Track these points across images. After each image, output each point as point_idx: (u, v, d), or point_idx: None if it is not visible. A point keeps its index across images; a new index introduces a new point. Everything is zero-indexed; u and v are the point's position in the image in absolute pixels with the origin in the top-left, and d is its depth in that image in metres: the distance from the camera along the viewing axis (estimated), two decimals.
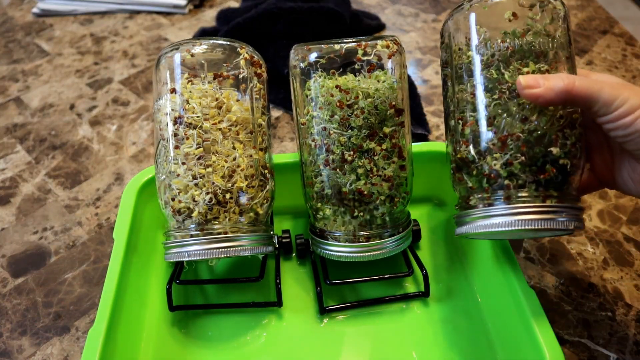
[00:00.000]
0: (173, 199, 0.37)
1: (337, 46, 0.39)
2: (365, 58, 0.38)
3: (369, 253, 0.39)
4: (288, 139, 0.61)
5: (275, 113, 0.65)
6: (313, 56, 0.39)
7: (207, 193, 0.37)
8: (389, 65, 0.39)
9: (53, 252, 0.49)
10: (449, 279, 0.44)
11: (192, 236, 0.37)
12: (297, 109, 0.41)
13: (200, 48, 0.40)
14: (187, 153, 0.37)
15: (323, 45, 0.39)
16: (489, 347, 0.39)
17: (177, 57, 0.39)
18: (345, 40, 0.39)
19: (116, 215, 0.45)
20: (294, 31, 0.71)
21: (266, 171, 0.40)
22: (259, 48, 0.45)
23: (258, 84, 0.41)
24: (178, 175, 0.37)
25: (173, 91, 0.38)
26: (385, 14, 0.87)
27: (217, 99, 0.38)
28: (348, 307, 0.42)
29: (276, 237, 0.42)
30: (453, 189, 0.39)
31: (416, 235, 0.46)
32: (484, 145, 0.35)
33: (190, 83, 0.39)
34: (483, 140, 0.35)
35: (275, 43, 0.70)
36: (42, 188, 0.56)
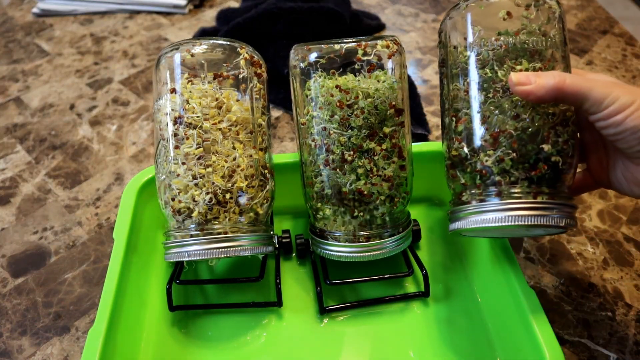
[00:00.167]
0: (173, 199, 0.37)
1: (337, 46, 0.39)
2: (365, 58, 0.38)
3: (369, 253, 0.39)
4: (288, 139, 0.61)
5: (275, 113, 0.65)
6: (313, 56, 0.39)
7: (207, 193, 0.37)
8: (389, 65, 0.39)
9: (53, 252, 0.49)
10: (449, 279, 0.44)
11: (192, 236, 0.37)
12: (297, 109, 0.41)
13: (200, 48, 0.40)
14: (187, 153, 0.37)
15: (323, 45, 0.39)
16: (489, 347, 0.39)
17: (177, 57, 0.39)
18: (345, 40, 0.39)
19: (116, 215, 0.46)
20: (294, 31, 0.71)
21: (266, 171, 0.40)
22: (259, 48, 0.45)
23: (258, 84, 0.41)
24: (178, 175, 0.37)
25: (173, 91, 0.38)
26: (385, 14, 0.87)
27: (217, 99, 0.38)
28: (348, 307, 0.42)
29: (276, 237, 0.42)
30: (447, 186, 0.39)
31: (416, 235, 0.46)
32: (477, 142, 0.35)
33: (190, 83, 0.39)
34: (476, 137, 0.35)
35: (275, 43, 0.70)
36: (42, 188, 0.56)
